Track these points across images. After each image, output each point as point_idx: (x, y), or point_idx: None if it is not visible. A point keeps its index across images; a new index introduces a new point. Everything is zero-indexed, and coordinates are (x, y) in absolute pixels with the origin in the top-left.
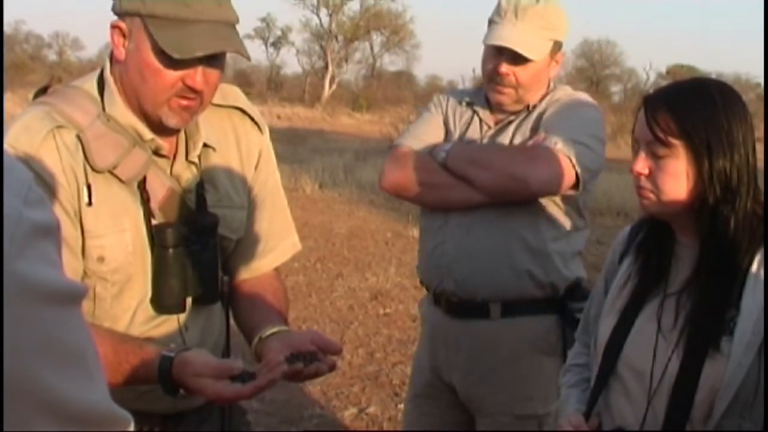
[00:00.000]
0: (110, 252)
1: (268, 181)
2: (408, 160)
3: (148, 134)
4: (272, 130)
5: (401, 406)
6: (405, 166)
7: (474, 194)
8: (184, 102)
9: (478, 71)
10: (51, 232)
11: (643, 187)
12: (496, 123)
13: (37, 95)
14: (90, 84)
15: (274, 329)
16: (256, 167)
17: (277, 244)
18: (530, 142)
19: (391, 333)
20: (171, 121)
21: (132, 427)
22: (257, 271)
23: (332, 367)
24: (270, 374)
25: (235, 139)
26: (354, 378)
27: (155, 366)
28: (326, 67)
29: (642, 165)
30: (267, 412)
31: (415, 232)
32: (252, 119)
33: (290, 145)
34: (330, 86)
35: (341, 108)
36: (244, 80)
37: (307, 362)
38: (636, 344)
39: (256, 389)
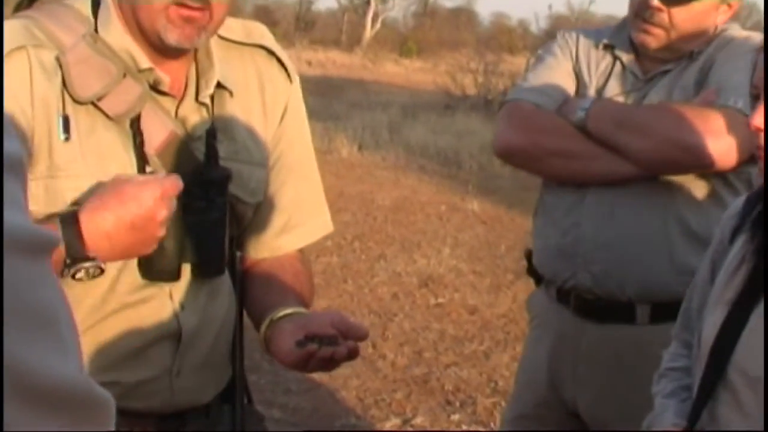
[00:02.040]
0: (86, 196)
1: (296, 143)
2: (533, 121)
3: (145, 62)
4: (301, 80)
5: (455, 416)
6: (529, 129)
7: (623, 166)
8: (186, 12)
9: (556, 9)
10: (17, 166)
11: (761, 147)
12: (646, 73)
13: (18, 8)
14: (83, 3)
15: (289, 310)
16: (280, 121)
17: (303, 220)
18: (698, 100)
19: (443, 328)
20: (170, 36)
21: (114, 411)
22: (277, 250)
23: (353, 353)
24: None
25: (259, 84)
26: (397, 382)
27: (57, 227)
28: (368, 2)
29: (761, 120)
30: (291, 422)
31: (476, 205)
32: (280, 63)
33: (323, 98)
34: (372, 26)
35: (386, 53)
36: (266, 17)
37: (323, 345)
38: (751, 345)
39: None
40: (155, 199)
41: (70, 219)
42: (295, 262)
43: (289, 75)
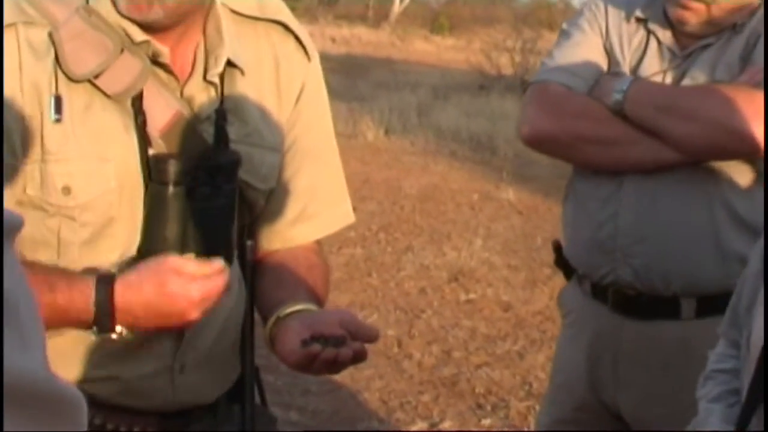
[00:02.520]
0: (79, 182)
1: (314, 126)
2: (564, 105)
3: (139, 35)
4: (324, 58)
5: (485, 421)
6: (560, 113)
7: (664, 152)
8: None
9: None
10: None
11: None
12: (684, 48)
13: None
14: None
15: (298, 307)
16: (296, 102)
17: (321, 209)
18: (743, 79)
19: (474, 325)
20: (122, 7)
21: (85, 410)
22: (291, 241)
23: (359, 356)
24: None
25: (274, 63)
26: (424, 383)
27: (91, 285)
28: None
29: None
30: (309, 425)
31: (511, 194)
32: (297, 39)
33: (348, 78)
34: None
35: (415, 29)
36: None
37: (328, 346)
38: None
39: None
40: (193, 302)
41: (106, 288)
42: (310, 255)
43: (306, 53)
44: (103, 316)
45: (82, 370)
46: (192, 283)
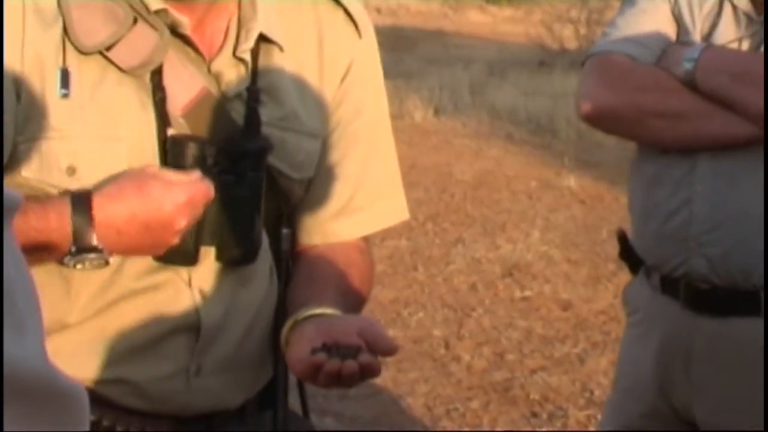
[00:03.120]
0: (85, 161)
1: (364, 109)
2: (628, 76)
3: (155, 2)
4: None
5: (541, 430)
6: (624, 86)
7: (742, 126)
8: None
9: None
10: None
11: None
12: (761, 13)
13: None
14: None
15: (317, 311)
16: (341, 82)
17: (369, 202)
18: None
19: (530, 326)
20: None
21: (86, 405)
22: (333, 236)
23: (369, 370)
24: None
25: (317, 39)
26: (474, 389)
27: (66, 208)
28: None
29: None
30: None
31: (573, 181)
32: (347, 14)
33: (394, 53)
34: None
35: None
36: None
37: (338, 357)
38: None
39: None
40: (178, 204)
41: (82, 201)
42: (351, 253)
43: (357, 28)
44: (82, 233)
45: (89, 372)
46: (175, 186)
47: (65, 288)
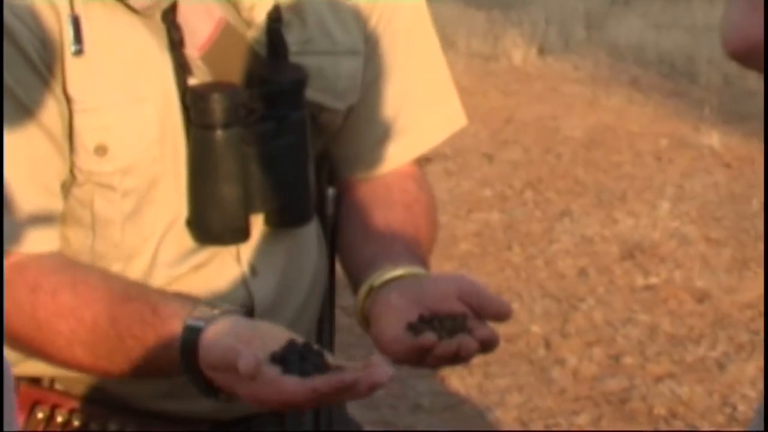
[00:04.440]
0: (117, 136)
1: (402, 10)
2: None
3: None
4: None
5: None
6: None
7: None
8: None
9: None
10: None
11: None
12: None
13: None
14: None
15: (398, 272)
16: None
17: (416, 119)
18: None
19: (655, 321)
20: None
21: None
22: (380, 165)
23: (487, 344)
24: (363, 372)
25: None
26: (582, 399)
27: (177, 344)
28: None
29: None
30: None
31: (715, 139)
32: None
33: None
34: None
35: None
36: None
37: (445, 333)
38: None
39: (316, 392)
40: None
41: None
42: (407, 184)
43: None
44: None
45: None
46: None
47: None
